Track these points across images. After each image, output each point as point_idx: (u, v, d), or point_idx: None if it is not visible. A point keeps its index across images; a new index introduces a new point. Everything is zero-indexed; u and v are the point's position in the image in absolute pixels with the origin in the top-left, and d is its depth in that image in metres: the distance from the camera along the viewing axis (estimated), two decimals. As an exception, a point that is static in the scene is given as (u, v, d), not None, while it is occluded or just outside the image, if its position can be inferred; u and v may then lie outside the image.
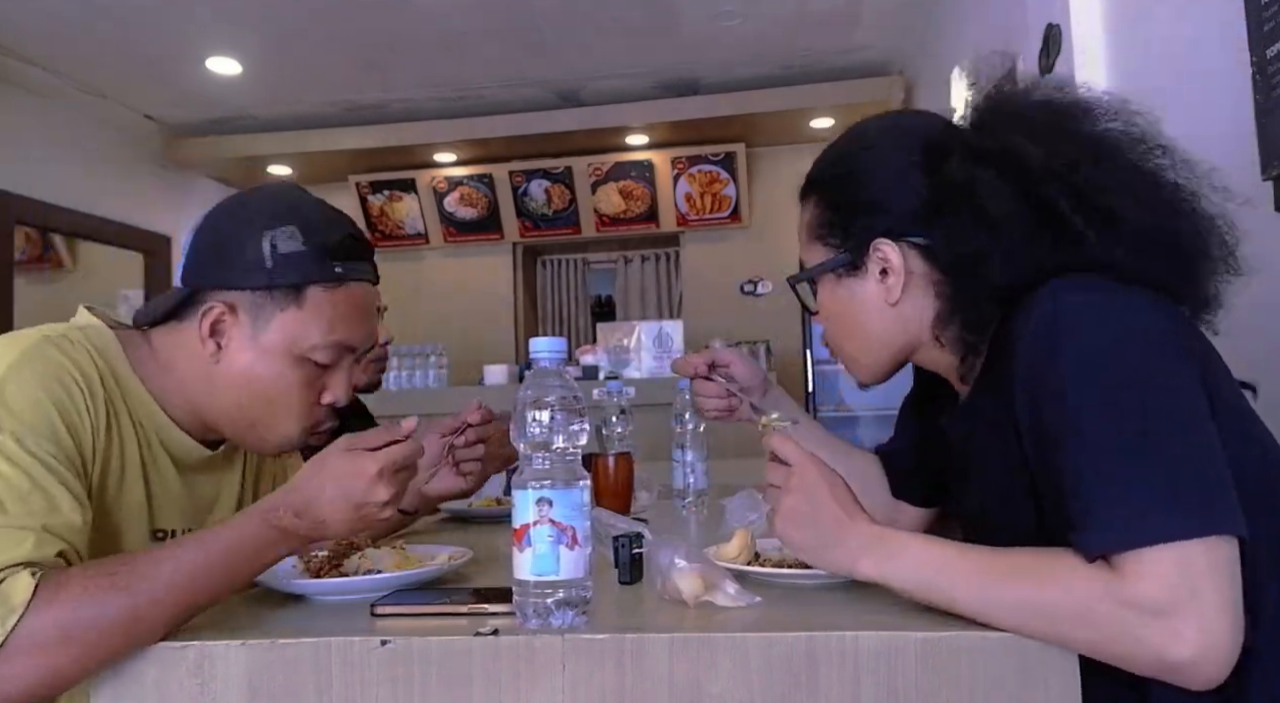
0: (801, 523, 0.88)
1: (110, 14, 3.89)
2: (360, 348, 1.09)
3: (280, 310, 1.02)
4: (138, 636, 0.80)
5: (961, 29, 3.54)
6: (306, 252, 1.03)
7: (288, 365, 1.03)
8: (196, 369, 1.04)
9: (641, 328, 5.21)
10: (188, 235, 1.07)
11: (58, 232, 5.11)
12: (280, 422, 1.05)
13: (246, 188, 1.82)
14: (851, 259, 0.99)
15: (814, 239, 1.03)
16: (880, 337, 1.01)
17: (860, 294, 1.00)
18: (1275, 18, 1.43)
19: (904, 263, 0.95)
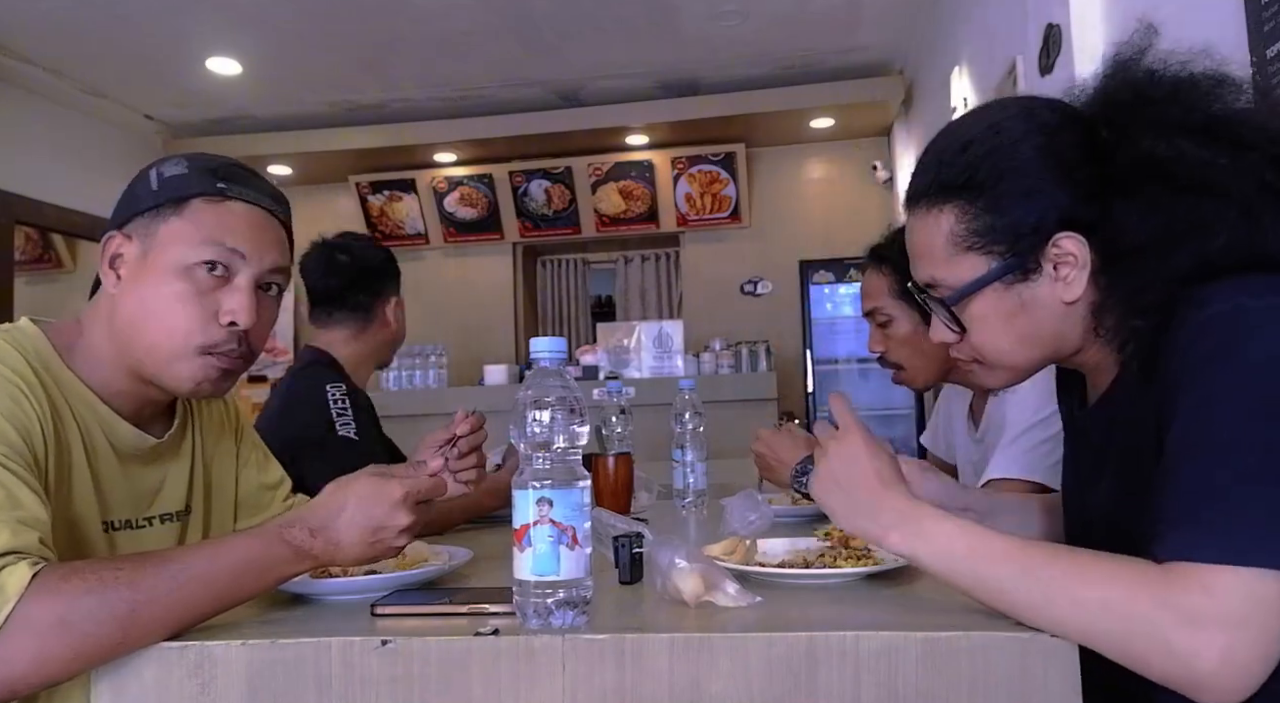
0: (836, 488, 0.88)
1: (110, 14, 3.89)
2: (255, 264, 1.05)
3: (164, 224, 1.04)
4: (135, 633, 0.80)
5: (961, 29, 3.54)
6: (189, 173, 1.06)
7: (175, 276, 1.03)
8: (108, 317, 1.05)
9: (641, 328, 5.21)
10: None
11: (58, 232, 5.11)
12: (175, 339, 1.02)
13: None
14: (1023, 262, 0.89)
15: (963, 250, 0.92)
16: (1052, 338, 0.93)
17: (1033, 298, 0.90)
18: (1275, 18, 1.43)
19: (1087, 254, 0.88)
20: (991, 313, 0.93)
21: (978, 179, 0.90)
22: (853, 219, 5.64)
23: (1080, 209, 0.87)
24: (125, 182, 1.11)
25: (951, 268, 0.93)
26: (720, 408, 3.89)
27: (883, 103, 5.02)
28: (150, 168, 1.06)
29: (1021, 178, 0.89)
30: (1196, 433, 0.75)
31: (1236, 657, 0.68)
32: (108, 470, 1.06)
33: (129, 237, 1.04)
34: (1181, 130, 0.84)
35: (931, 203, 0.94)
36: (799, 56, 4.74)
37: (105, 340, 1.05)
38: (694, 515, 1.65)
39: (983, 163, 0.90)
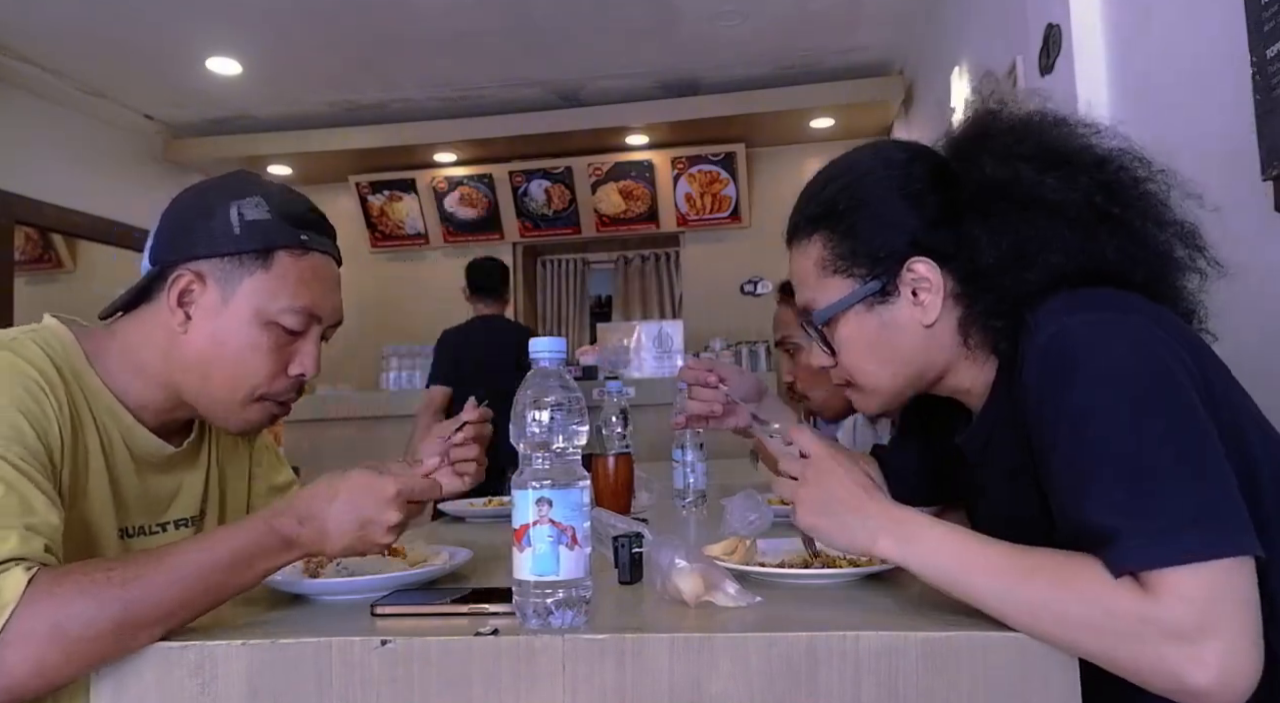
0: (820, 510, 0.89)
1: (110, 14, 3.89)
2: (326, 319, 1.10)
3: (249, 275, 1.03)
4: (131, 635, 0.80)
5: (961, 29, 3.54)
6: (272, 220, 1.05)
7: (256, 330, 1.04)
8: (162, 345, 1.05)
9: (641, 328, 5.21)
10: (154, 222, 1.09)
11: (58, 231, 5.11)
12: (243, 388, 1.04)
13: None
14: (883, 285, 0.97)
15: (829, 274, 1.00)
16: (913, 361, 0.99)
17: (893, 320, 0.98)
18: (1275, 18, 1.43)
19: (940, 277, 0.95)
20: (855, 334, 1.00)
21: (838, 209, 1.00)
22: (853, 219, 5.64)
23: (932, 236, 0.95)
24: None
25: (821, 291, 1.01)
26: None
27: (883, 103, 5.02)
28: (228, 205, 1.04)
29: (875, 205, 0.98)
30: (1080, 455, 0.78)
31: (1233, 662, 0.69)
32: (125, 476, 1.06)
33: (201, 278, 1.03)
34: (1017, 157, 0.92)
35: (802, 235, 1.03)
36: (799, 56, 4.74)
37: (153, 362, 1.05)
38: (694, 515, 1.65)
39: (840, 195, 1.00)
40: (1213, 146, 1.65)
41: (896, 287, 0.97)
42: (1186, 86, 1.79)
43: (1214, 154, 1.64)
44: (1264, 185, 1.49)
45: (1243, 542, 0.72)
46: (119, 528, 1.05)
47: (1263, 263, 1.47)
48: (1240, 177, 1.53)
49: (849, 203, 0.99)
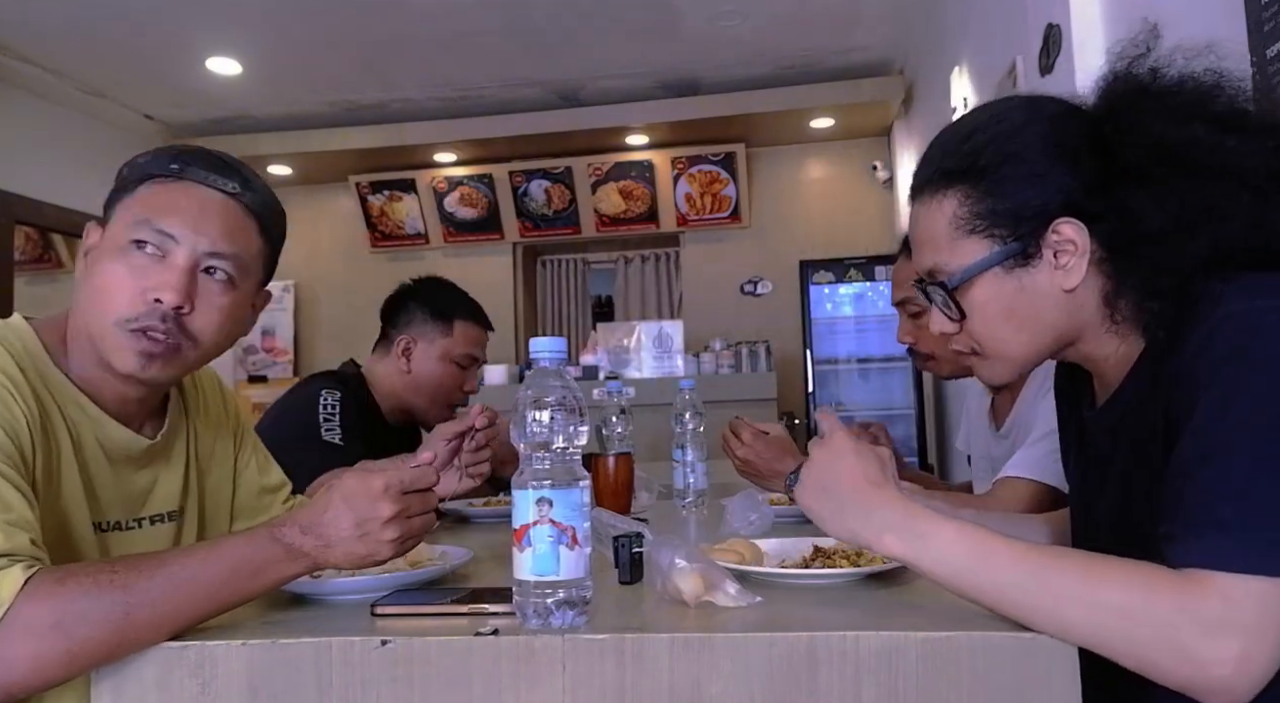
0: (822, 492, 0.86)
1: (110, 14, 3.89)
2: (188, 243, 1.03)
3: (120, 204, 1.06)
4: (130, 635, 0.80)
5: (961, 29, 3.54)
6: (152, 157, 1.08)
7: (113, 257, 1.03)
8: (74, 303, 1.06)
9: (641, 328, 5.21)
10: None
11: (58, 232, 5.11)
12: (109, 317, 1.01)
13: None
14: (1024, 246, 0.89)
15: (965, 234, 0.92)
16: (1050, 328, 0.92)
17: (1032, 284, 0.90)
18: (1275, 18, 1.43)
19: (1087, 241, 0.88)
20: (991, 298, 0.92)
21: (980, 164, 0.91)
22: (853, 219, 5.64)
23: (1083, 198, 0.88)
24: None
25: (953, 252, 0.93)
26: (720, 408, 3.88)
27: (883, 103, 5.02)
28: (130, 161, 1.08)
29: (1024, 162, 0.89)
30: (1214, 437, 0.75)
31: (1251, 663, 0.68)
32: (98, 471, 1.05)
33: (101, 226, 1.06)
34: (1190, 118, 0.84)
35: (935, 190, 0.94)
36: (799, 56, 4.74)
37: (75, 328, 1.06)
38: (694, 515, 1.65)
39: (986, 148, 0.91)
40: (1213, 146, 1.65)
41: (1039, 248, 0.89)
42: (1186, 86, 1.78)
43: (1214, 154, 1.63)
44: (1264, 185, 1.49)
45: None
46: (94, 523, 1.04)
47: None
48: (1240, 176, 1.53)
49: (996, 157, 0.90)
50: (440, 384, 1.97)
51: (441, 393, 1.97)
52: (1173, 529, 0.74)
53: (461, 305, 2.02)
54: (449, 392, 1.98)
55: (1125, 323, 0.90)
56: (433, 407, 1.98)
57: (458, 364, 1.98)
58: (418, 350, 1.97)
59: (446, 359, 1.96)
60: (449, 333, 1.97)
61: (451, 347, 1.97)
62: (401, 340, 1.97)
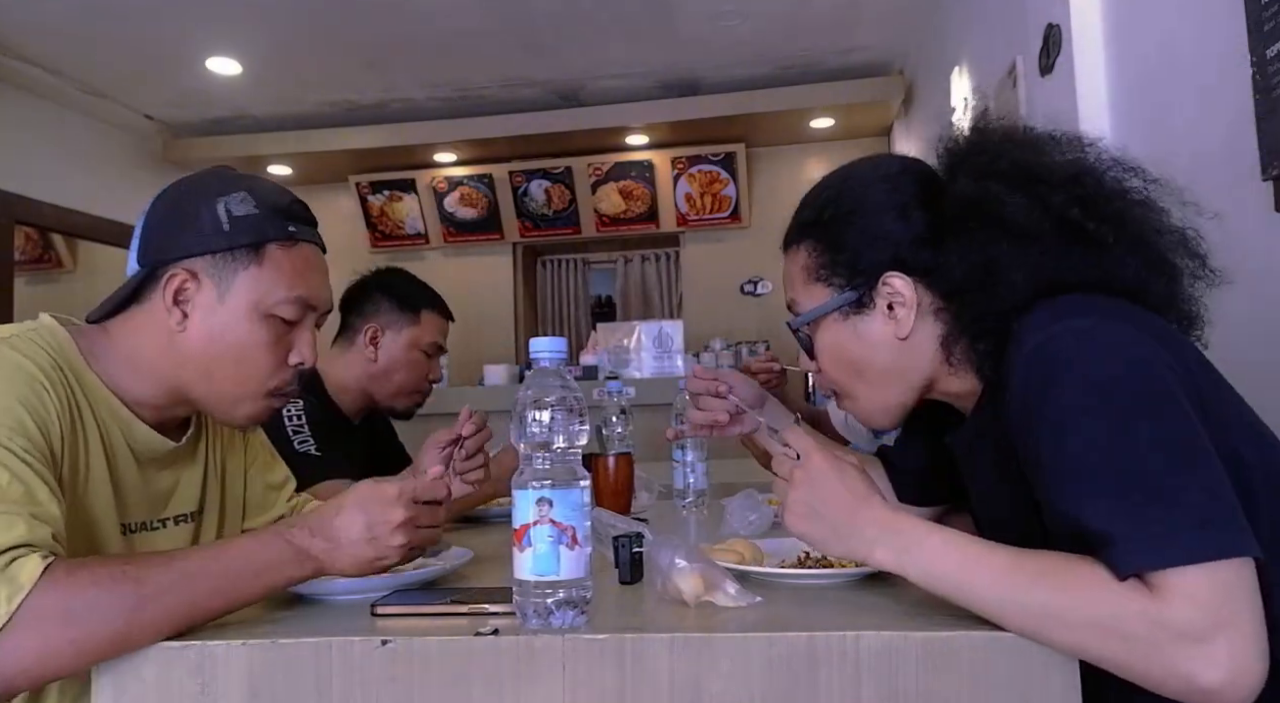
0: (809, 515, 0.87)
1: (110, 14, 3.89)
2: (320, 307, 1.12)
3: (243, 269, 1.05)
4: (138, 628, 0.80)
5: (961, 29, 3.54)
6: (260, 213, 1.06)
7: (255, 324, 1.05)
8: (161, 345, 1.05)
9: (641, 328, 5.20)
10: (138, 221, 1.08)
11: (58, 231, 5.11)
12: (251, 383, 1.06)
13: None
14: (859, 297, 0.99)
15: (812, 282, 1.03)
16: (892, 374, 1.00)
17: (867, 332, 1.00)
18: (1275, 18, 1.43)
19: (914, 294, 0.96)
20: (832, 342, 1.03)
21: (824, 218, 1.02)
22: (853, 219, 5.64)
23: (913, 252, 0.96)
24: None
25: (804, 296, 1.04)
26: (720, 408, 3.87)
27: (883, 103, 5.02)
28: (214, 202, 1.05)
29: (859, 218, 1.00)
30: (1068, 462, 0.78)
31: (1239, 660, 0.69)
32: (126, 473, 1.06)
33: (195, 276, 1.04)
34: (991, 174, 0.93)
35: (792, 241, 1.06)
36: (799, 56, 4.74)
37: (152, 361, 1.06)
38: (694, 515, 1.65)
39: (829, 205, 1.03)
40: (1212, 146, 1.65)
41: (873, 299, 0.99)
42: (1186, 86, 1.79)
43: (1214, 154, 1.64)
44: (1264, 185, 1.49)
45: (1243, 542, 0.72)
46: (121, 524, 1.05)
47: (1262, 263, 1.47)
48: (1240, 177, 1.53)
49: (836, 212, 1.02)
50: (407, 372, 1.98)
51: (409, 381, 1.99)
52: (1098, 551, 0.75)
53: (426, 295, 2.06)
54: (416, 380, 2.00)
55: (961, 364, 0.97)
56: (399, 394, 1.99)
57: (425, 352, 2.01)
58: (385, 339, 1.98)
59: (414, 347, 1.98)
60: (416, 322, 2.00)
61: (420, 335, 1.99)
62: (368, 329, 1.98)
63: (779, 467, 0.92)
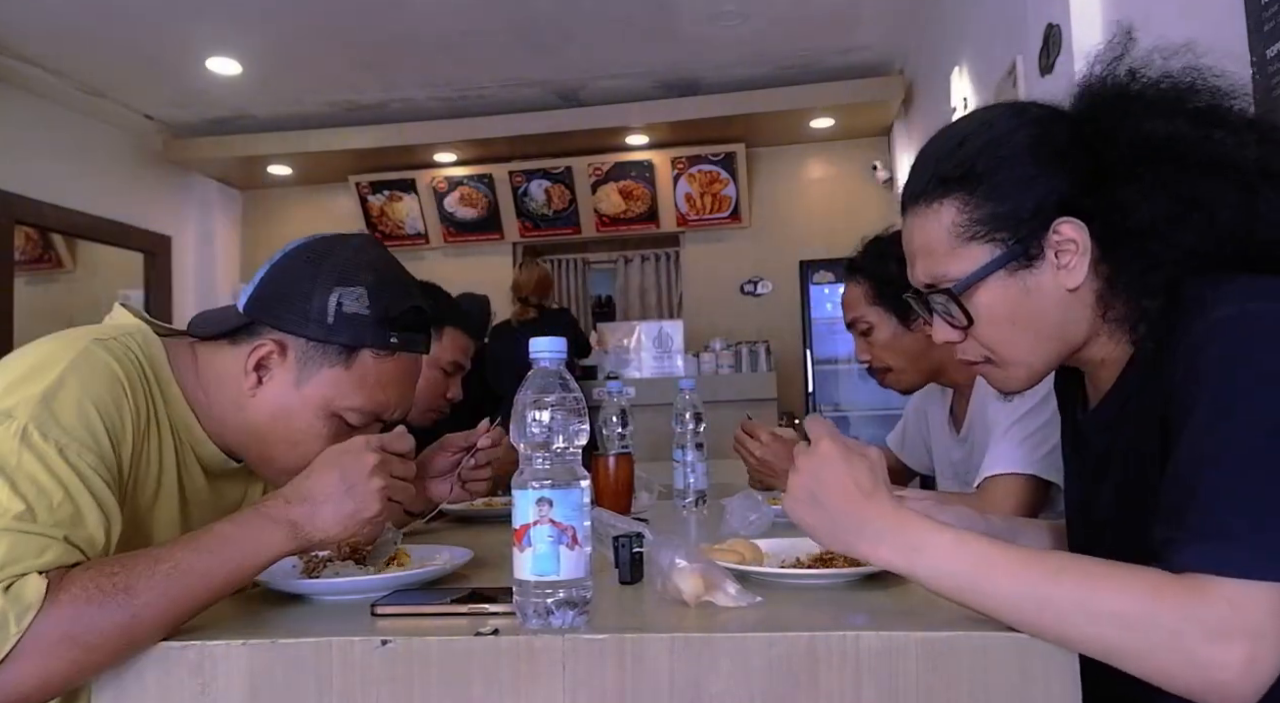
0: (810, 502, 0.83)
1: (110, 14, 3.89)
2: (389, 418, 1.12)
3: (329, 366, 1.04)
4: (138, 637, 0.80)
5: (961, 29, 3.54)
6: (368, 317, 1.05)
7: (319, 419, 1.05)
8: (231, 394, 1.05)
9: (641, 328, 5.21)
10: (265, 264, 1.08)
11: (58, 231, 5.11)
12: (296, 466, 1.03)
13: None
14: (1026, 248, 0.89)
15: (965, 240, 0.92)
16: (1059, 330, 0.92)
17: (1037, 286, 0.90)
18: (1275, 18, 1.44)
19: (1087, 239, 0.88)
20: (998, 302, 0.92)
21: (976, 170, 0.91)
22: (853, 219, 5.62)
23: (1077, 196, 0.88)
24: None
25: (955, 260, 0.93)
26: (720, 408, 3.89)
27: (883, 103, 5.02)
28: (331, 290, 1.03)
29: (1018, 165, 0.90)
30: (1213, 441, 0.74)
31: (1258, 667, 0.68)
32: (195, 484, 1.08)
33: (284, 349, 1.04)
34: (1176, 113, 0.86)
35: (931, 199, 0.94)
36: (799, 56, 4.74)
37: (222, 406, 1.06)
38: (694, 515, 1.65)
39: (980, 155, 0.92)
40: (1213, 146, 1.65)
41: (1042, 250, 0.89)
42: (1186, 86, 1.78)
43: (1214, 154, 1.63)
44: (1264, 185, 1.49)
45: None
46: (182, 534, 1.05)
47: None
48: (1240, 176, 1.53)
49: (990, 162, 0.91)
50: (423, 390, 1.93)
51: (424, 398, 1.88)
52: (1173, 534, 0.74)
53: (450, 312, 1.98)
54: (431, 398, 1.91)
55: (1116, 322, 0.90)
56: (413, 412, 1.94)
57: (444, 370, 1.94)
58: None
59: (434, 365, 1.89)
60: (438, 339, 1.91)
61: (440, 353, 1.90)
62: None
63: (798, 452, 0.88)
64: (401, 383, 1.10)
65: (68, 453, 0.86)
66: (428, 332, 1.14)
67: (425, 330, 1.13)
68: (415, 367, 1.13)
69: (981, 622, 0.78)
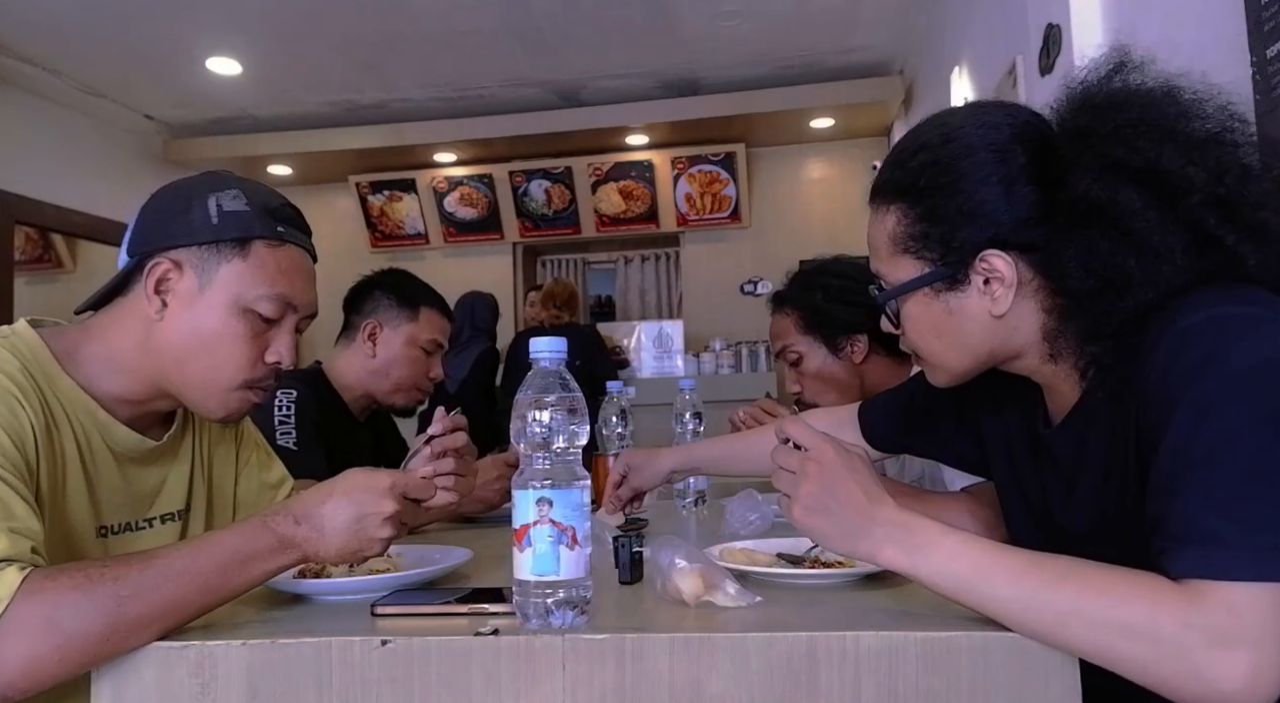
0: (822, 511, 0.84)
1: (110, 14, 3.89)
2: (302, 309, 1.12)
3: (226, 262, 1.05)
4: (123, 631, 0.80)
5: (961, 29, 3.54)
6: (250, 210, 1.07)
7: (233, 316, 1.05)
8: (139, 336, 1.05)
9: (641, 328, 5.21)
10: (132, 219, 1.09)
11: (58, 232, 5.11)
12: (223, 375, 1.06)
13: None
14: (952, 273, 0.91)
15: (901, 252, 0.94)
16: (980, 348, 0.95)
17: (960, 308, 0.93)
18: (1275, 18, 1.43)
19: (1015, 273, 0.89)
20: (921, 315, 0.96)
21: (920, 185, 0.93)
22: (853, 219, 5.62)
23: (1016, 231, 0.89)
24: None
25: (890, 266, 0.96)
26: (720, 408, 3.88)
27: (883, 103, 5.02)
28: (206, 196, 1.06)
29: (959, 193, 0.90)
30: (1197, 448, 0.74)
31: (1262, 674, 0.67)
32: (105, 475, 1.06)
33: (179, 266, 1.05)
34: (1118, 170, 0.83)
35: (882, 200, 0.97)
36: (799, 56, 4.74)
37: (129, 353, 1.06)
38: (694, 515, 1.65)
39: (927, 170, 0.93)
40: (1213, 147, 1.64)
41: (968, 275, 0.91)
42: (1186, 86, 1.78)
43: (1214, 154, 1.63)
44: (1264, 185, 1.48)
45: None
46: (98, 527, 1.05)
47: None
48: (1240, 177, 1.53)
49: (934, 181, 0.92)
50: (406, 368, 1.98)
51: (408, 377, 1.97)
52: (1167, 543, 0.73)
53: (426, 293, 2.06)
54: (415, 376, 1.99)
55: (1063, 357, 0.91)
56: (397, 391, 1.99)
57: (423, 350, 2.00)
58: (383, 335, 1.98)
59: (413, 344, 1.97)
60: (415, 318, 1.99)
61: (417, 332, 1.98)
62: (367, 325, 1.98)
63: (780, 458, 0.89)
64: (300, 272, 1.11)
65: None
66: (309, 232, 1.16)
67: (306, 232, 1.15)
68: (307, 263, 1.14)
69: (981, 622, 0.78)
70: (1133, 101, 0.87)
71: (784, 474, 0.88)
